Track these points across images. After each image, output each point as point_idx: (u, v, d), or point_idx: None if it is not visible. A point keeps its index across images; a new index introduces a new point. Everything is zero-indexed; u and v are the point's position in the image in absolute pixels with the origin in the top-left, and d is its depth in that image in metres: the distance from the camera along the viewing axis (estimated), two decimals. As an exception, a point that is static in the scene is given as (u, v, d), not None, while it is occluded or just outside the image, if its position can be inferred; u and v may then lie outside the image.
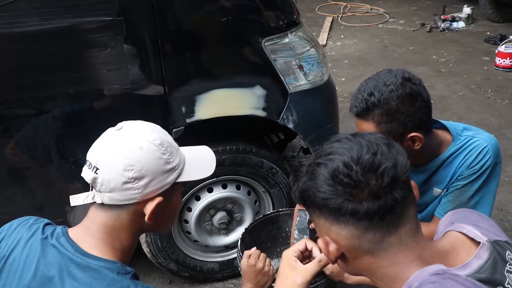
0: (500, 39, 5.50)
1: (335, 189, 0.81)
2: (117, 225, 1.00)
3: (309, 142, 2.18)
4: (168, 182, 1.01)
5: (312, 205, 0.85)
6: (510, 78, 4.76)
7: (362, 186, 0.79)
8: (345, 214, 0.81)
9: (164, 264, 2.25)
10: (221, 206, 2.25)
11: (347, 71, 5.20)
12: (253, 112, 2.03)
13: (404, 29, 6.59)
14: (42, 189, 1.92)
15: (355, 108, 1.36)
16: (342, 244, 0.85)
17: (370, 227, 0.81)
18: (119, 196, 0.97)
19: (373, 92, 1.32)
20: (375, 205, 0.79)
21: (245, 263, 1.44)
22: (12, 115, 1.76)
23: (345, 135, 0.88)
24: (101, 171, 0.96)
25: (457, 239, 0.90)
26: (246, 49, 1.96)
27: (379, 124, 1.33)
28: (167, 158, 1.00)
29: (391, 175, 0.79)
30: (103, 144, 1.00)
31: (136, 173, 0.96)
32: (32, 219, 1.07)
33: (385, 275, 0.85)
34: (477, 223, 0.94)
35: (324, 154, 0.85)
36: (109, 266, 0.95)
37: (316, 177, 0.83)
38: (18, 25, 1.62)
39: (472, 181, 1.46)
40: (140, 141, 0.98)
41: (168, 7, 1.78)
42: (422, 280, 0.80)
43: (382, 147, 0.82)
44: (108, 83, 1.80)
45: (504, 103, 4.24)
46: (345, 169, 0.80)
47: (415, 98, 1.32)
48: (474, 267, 0.83)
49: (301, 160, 3.48)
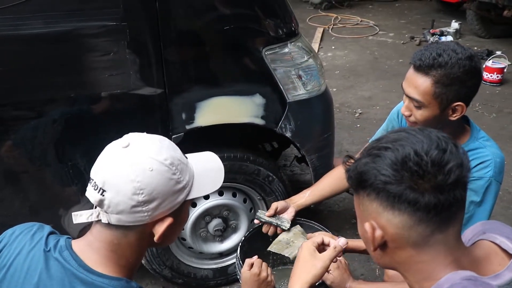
0: (487, 54, 5.62)
1: (401, 175, 0.80)
2: (123, 244, 0.97)
3: (305, 151, 2.20)
4: (178, 202, 0.98)
5: (369, 188, 0.84)
6: (497, 92, 4.87)
7: (430, 177, 0.79)
8: (403, 202, 0.80)
9: (158, 271, 2.24)
10: (217, 213, 2.26)
11: (338, 82, 5.26)
12: (252, 120, 2.05)
13: (393, 42, 6.69)
14: (41, 192, 1.91)
15: (419, 61, 1.40)
16: (390, 231, 0.84)
17: (424, 220, 0.81)
18: (127, 218, 0.93)
19: (443, 53, 1.37)
20: (436, 199, 0.79)
21: (247, 272, 1.44)
22: (12, 117, 1.75)
23: (411, 128, 0.88)
24: (108, 193, 0.92)
25: (490, 249, 0.92)
26: (247, 58, 1.98)
27: (436, 83, 1.38)
28: (177, 178, 0.96)
29: (457, 174, 0.80)
30: (109, 163, 0.94)
31: (146, 197, 0.92)
32: (36, 227, 1.04)
33: (419, 271, 0.86)
34: (510, 235, 0.95)
35: (391, 140, 0.85)
36: (114, 284, 0.93)
37: (382, 160, 0.82)
38: (22, 27, 1.62)
39: (469, 190, 1.48)
40: (150, 162, 0.93)
41: (172, 14, 1.79)
42: (453, 283, 0.80)
43: (451, 145, 0.83)
44: (110, 87, 1.80)
45: (491, 116, 4.34)
46: (416, 157, 0.80)
47: (476, 74, 1.39)
48: (506, 279, 0.84)
49: (293, 169, 3.50)
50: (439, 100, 1.39)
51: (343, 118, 4.32)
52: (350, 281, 1.50)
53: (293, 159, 3.16)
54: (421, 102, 1.42)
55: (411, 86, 1.43)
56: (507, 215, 2.99)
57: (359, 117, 4.39)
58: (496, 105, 4.56)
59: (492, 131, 3.98)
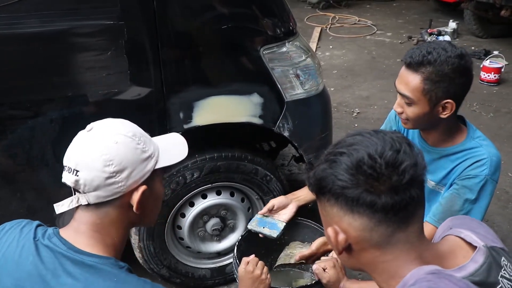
0: (484, 54, 5.64)
1: (356, 179, 0.82)
2: (106, 222, 1.02)
3: (303, 150, 2.20)
4: (148, 170, 1.04)
5: (328, 193, 0.86)
6: (494, 92, 4.88)
7: (384, 179, 0.81)
8: (362, 205, 0.82)
9: (156, 270, 2.23)
10: (215, 213, 2.26)
11: (336, 81, 5.26)
12: (250, 120, 2.05)
13: (391, 41, 6.70)
14: (38, 192, 1.90)
15: (410, 58, 1.44)
16: (352, 235, 0.86)
17: (384, 220, 0.82)
18: (104, 192, 0.99)
19: (432, 51, 1.41)
20: (393, 199, 0.81)
21: (242, 270, 1.46)
22: (9, 117, 1.74)
23: (367, 130, 0.89)
24: (82, 172, 0.98)
25: (455, 243, 0.94)
26: (244, 57, 1.98)
27: (426, 80, 1.41)
28: (142, 147, 1.03)
29: (412, 173, 0.81)
30: (78, 147, 1.02)
31: (117, 167, 0.98)
32: (24, 222, 1.09)
33: (385, 270, 0.87)
34: (475, 229, 0.97)
35: (347, 145, 0.86)
36: (104, 262, 0.98)
37: (338, 165, 0.84)
38: (18, 26, 1.61)
39: (465, 187, 1.49)
40: (113, 136, 1.01)
41: (169, 13, 1.79)
42: (418, 278, 0.82)
43: (405, 145, 0.84)
44: (107, 86, 1.80)
45: (489, 116, 4.35)
46: (369, 160, 0.81)
47: (465, 73, 1.43)
48: (470, 270, 0.86)
49: (291, 169, 3.50)
50: (428, 96, 1.43)
51: (340, 118, 4.33)
52: (345, 280, 1.51)
53: (291, 159, 3.16)
54: (411, 99, 1.45)
55: (402, 83, 1.47)
56: (504, 214, 3.00)
57: (357, 117, 4.40)
58: (494, 104, 4.57)
59: (490, 131, 3.99)
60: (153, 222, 1.18)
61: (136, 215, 1.05)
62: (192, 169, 2.05)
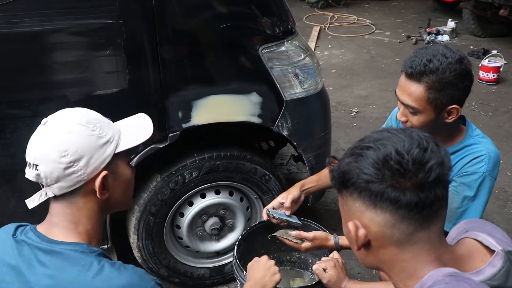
0: (483, 53, 5.64)
1: (382, 173, 0.81)
2: (75, 211, 1.05)
3: (302, 150, 2.20)
4: (108, 155, 1.05)
5: (351, 187, 0.85)
6: (493, 91, 4.89)
7: (410, 176, 0.80)
8: (385, 200, 0.81)
9: (154, 270, 2.23)
10: (214, 212, 2.25)
11: (335, 80, 5.26)
12: (248, 119, 2.04)
13: (390, 41, 6.70)
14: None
15: (411, 69, 1.41)
16: (373, 230, 0.85)
17: (406, 218, 0.82)
18: (66, 183, 1.01)
19: (433, 59, 1.39)
20: (417, 197, 0.80)
21: (254, 260, 1.48)
22: (7, 115, 1.74)
23: (394, 127, 0.89)
24: (41, 166, 1.00)
25: (472, 246, 0.93)
26: (243, 56, 1.97)
27: (429, 89, 1.39)
28: (98, 133, 1.04)
29: (438, 172, 0.81)
30: (34, 142, 1.03)
31: (73, 156, 0.99)
32: (11, 225, 1.11)
33: (403, 270, 0.86)
34: (492, 232, 0.96)
35: (373, 140, 0.85)
36: (72, 248, 1.01)
37: (364, 159, 0.83)
38: (17, 25, 1.61)
39: (463, 184, 1.49)
40: (66, 127, 1.02)
41: (168, 12, 1.79)
42: (436, 280, 0.81)
43: (432, 144, 0.84)
44: (105, 86, 1.79)
45: (487, 115, 4.35)
46: (397, 156, 0.81)
47: (467, 76, 1.41)
48: (488, 274, 0.86)
49: (290, 168, 3.50)
50: (433, 105, 1.41)
51: (339, 117, 4.33)
52: (346, 280, 1.50)
53: (290, 158, 3.16)
54: (416, 108, 1.43)
55: (404, 94, 1.45)
56: (503, 213, 3.00)
57: (356, 116, 4.40)
58: (492, 104, 4.58)
59: (488, 130, 3.99)
60: (128, 205, 1.20)
61: (105, 200, 1.07)
62: (191, 168, 2.04)
